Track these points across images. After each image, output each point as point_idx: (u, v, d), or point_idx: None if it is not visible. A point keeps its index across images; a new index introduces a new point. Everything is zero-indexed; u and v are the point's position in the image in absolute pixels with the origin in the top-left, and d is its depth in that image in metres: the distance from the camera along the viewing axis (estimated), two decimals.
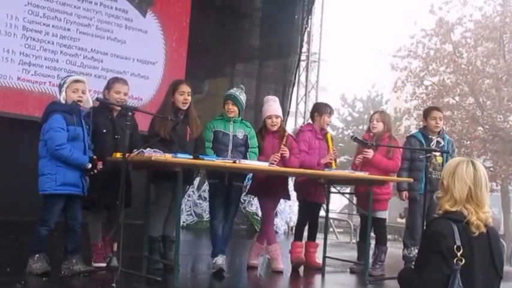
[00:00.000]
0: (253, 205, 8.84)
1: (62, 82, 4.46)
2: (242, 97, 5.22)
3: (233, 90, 5.30)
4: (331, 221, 12.06)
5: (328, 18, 13.48)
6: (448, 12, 18.92)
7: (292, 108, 10.16)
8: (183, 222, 8.13)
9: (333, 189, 5.70)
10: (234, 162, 4.52)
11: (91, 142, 4.52)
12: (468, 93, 18.94)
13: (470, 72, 18.22)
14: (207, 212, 6.53)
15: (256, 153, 5.21)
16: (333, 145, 5.85)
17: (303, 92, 10.21)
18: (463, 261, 2.44)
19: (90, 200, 4.53)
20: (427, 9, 19.44)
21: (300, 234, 5.86)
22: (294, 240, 5.83)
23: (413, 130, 15.92)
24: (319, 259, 5.71)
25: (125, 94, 4.83)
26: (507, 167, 18.07)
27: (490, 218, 2.56)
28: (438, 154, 5.68)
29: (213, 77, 9.26)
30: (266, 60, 9.80)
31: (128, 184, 4.64)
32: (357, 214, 6.63)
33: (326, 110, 5.80)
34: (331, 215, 8.81)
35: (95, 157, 4.39)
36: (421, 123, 6.67)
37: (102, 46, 7.36)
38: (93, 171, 4.37)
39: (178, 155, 4.22)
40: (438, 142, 5.81)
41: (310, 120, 6.16)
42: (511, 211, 19.90)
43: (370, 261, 5.60)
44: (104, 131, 4.71)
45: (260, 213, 6.39)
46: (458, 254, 2.44)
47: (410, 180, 5.65)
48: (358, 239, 6.45)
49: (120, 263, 4.06)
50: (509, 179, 19.06)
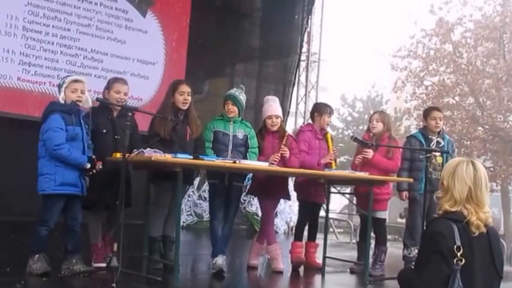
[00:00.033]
0: (253, 205, 8.84)
1: (61, 82, 4.47)
2: (242, 97, 5.22)
3: (233, 91, 5.29)
4: (331, 221, 12.06)
5: (328, 18, 13.51)
6: (448, 12, 18.95)
7: (292, 108, 10.16)
8: (183, 222, 8.13)
9: (333, 189, 5.70)
10: (234, 162, 4.52)
11: (91, 142, 4.53)
12: (468, 93, 18.93)
13: (470, 72, 18.22)
14: (207, 212, 6.53)
15: (256, 153, 5.21)
16: (333, 145, 5.85)
17: (303, 92, 10.20)
18: (463, 261, 2.44)
19: (90, 200, 4.54)
20: (427, 9, 19.48)
21: (300, 235, 5.86)
22: (294, 240, 5.83)
23: (413, 130, 15.92)
24: (319, 259, 5.71)
25: (125, 94, 4.84)
26: (507, 167, 18.07)
27: (490, 218, 2.56)
28: (438, 154, 5.69)
29: (213, 77, 9.26)
30: (266, 60, 9.79)
31: (128, 184, 4.64)
32: (357, 214, 6.63)
33: (326, 110, 5.80)
34: (331, 215, 8.80)
35: (93, 157, 4.40)
36: (421, 124, 6.67)
37: (102, 46, 7.36)
38: (92, 171, 4.37)
39: (178, 155, 4.23)
40: (438, 142, 5.81)
41: (310, 120, 6.16)
42: (511, 211, 19.90)
43: (370, 261, 5.60)
44: (104, 131, 4.71)
45: (260, 213, 6.39)
46: (458, 254, 2.44)
47: (410, 180, 5.65)
48: (358, 239, 6.44)
49: (120, 263, 4.06)
50: (509, 179, 19.06)
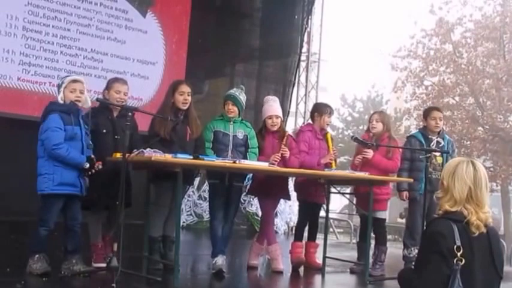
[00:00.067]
0: (253, 205, 8.84)
1: (60, 82, 4.48)
2: (242, 97, 5.22)
3: (233, 91, 5.29)
4: (331, 221, 12.05)
5: (328, 18, 13.50)
6: (448, 12, 18.94)
7: (292, 109, 10.15)
8: (183, 222, 8.13)
9: (333, 190, 5.70)
10: (234, 162, 4.52)
11: (91, 142, 4.53)
12: (468, 94, 18.93)
13: (470, 72, 18.21)
14: (207, 212, 6.53)
15: (256, 153, 5.21)
16: (333, 145, 5.85)
17: (303, 92, 10.20)
18: (463, 261, 2.44)
19: (90, 200, 4.54)
20: (427, 9, 19.46)
21: (300, 235, 5.86)
22: (294, 240, 5.83)
23: (413, 130, 15.90)
24: (319, 259, 5.71)
25: (125, 94, 4.84)
26: (507, 167, 18.07)
27: (490, 218, 2.56)
28: (438, 154, 5.69)
29: (213, 77, 9.26)
30: (266, 60, 9.79)
31: (128, 184, 4.64)
32: (357, 214, 6.63)
33: (326, 110, 5.80)
34: (331, 215, 8.79)
35: (92, 156, 4.39)
36: (421, 124, 6.67)
37: (102, 46, 7.36)
38: (91, 171, 4.36)
39: (178, 155, 4.23)
40: (438, 142, 5.81)
41: (310, 121, 6.16)
42: (511, 211, 19.90)
43: (370, 261, 5.60)
44: (104, 131, 4.72)
45: (260, 214, 6.39)
46: (458, 254, 2.44)
47: (410, 180, 5.64)
48: (358, 239, 6.44)
49: (120, 263, 4.06)
50: (509, 179, 19.05)
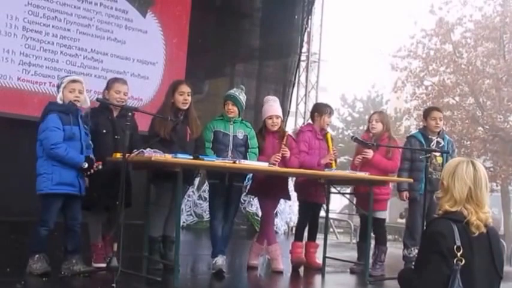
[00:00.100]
0: (253, 205, 8.84)
1: (59, 82, 4.49)
2: (242, 97, 5.22)
3: (233, 91, 5.29)
4: (331, 221, 12.05)
5: (328, 18, 13.48)
6: (448, 13, 18.94)
7: (292, 109, 10.15)
8: (183, 222, 8.13)
9: (333, 190, 5.70)
10: (234, 162, 4.52)
11: (91, 142, 4.53)
12: (468, 94, 18.93)
13: (470, 72, 18.21)
14: (207, 212, 6.53)
15: (256, 153, 5.21)
16: (333, 145, 5.84)
17: (303, 92, 10.19)
18: (463, 261, 2.44)
19: (90, 200, 4.54)
20: (427, 9, 19.46)
21: (300, 235, 5.86)
22: (294, 240, 5.83)
23: (413, 130, 15.92)
24: (319, 259, 5.71)
25: (125, 94, 4.84)
26: (507, 167, 18.07)
27: (490, 218, 2.56)
28: (438, 154, 5.69)
29: (213, 77, 9.26)
30: (266, 60, 9.79)
31: (128, 184, 4.64)
32: (357, 214, 6.63)
33: (326, 110, 5.80)
34: (331, 215, 8.79)
35: (91, 156, 4.38)
36: (421, 124, 6.67)
37: (102, 46, 7.36)
38: (90, 171, 4.36)
39: (178, 155, 4.23)
40: (438, 142, 5.81)
41: (310, 121, 6.16)
42: (511, 211, 19.90)
43: (370, 261, 5.59)
44: (104, 131, 4.72)
45: (260, 214, 6.39)
46: (458, 254, 2.44)
47: (411, 180, 5.64)
48: (358, 239, 6.44)
49: (120, 263, 4.06)
50: (509, 179, 19.05)
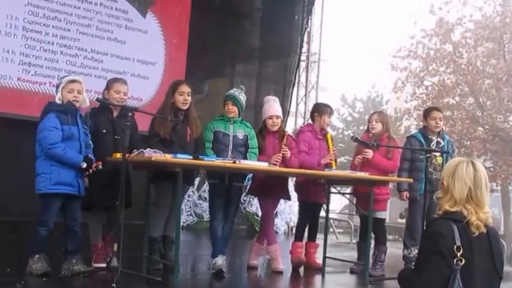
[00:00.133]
0: (253, 205, 8.84)
1: (58, 82, 4.50)
2: (242, 97, 5.22)
3: (233, 91, 5.29)
4: (331, 221, 12.06)
5: (328, 18, 13.52)
6: (448, 13, 18.95)
7: (292, 109, 10.15)
8: (183, 222, 8.13)
9: (333, 190, 5.70)
10: (234, 162, 4.52)
11: (91, 142, 4.53)
12: (468, 94, 18.94)
13: (470, 72, 18.22)
14: (207, 212, 6.53)
15: (256, 153, 5.21)
16: (333, 145, 5.84)
17: (303, 92, 10.20)
18: (463, 261, 2.44)
19: (90, 200, 4.54)
20: (427, 9, 19.47)
21: (300, 235, 5.86)
22: (294, 240, 5.83)
23: (413, 130, 15.92)
24: (319, 259, 5.71)
25: (125, 94, 4.84)
26: (507, 167, 18.07)
27: (490, 218, 2.56)
28: (438, 154, 5.68)
29: (213, 77, 9.26)
30: (266, 60, 9.79)
31: (128, 184, 4.63)
32: (357, 214, 6.63)
33: (326, 110, 5.80)
34: (331, 215, 8.79)
35: (90, 156, 4.37)
36: (421, 124, 6.67)
37: (102, 46, 7.36)
38: (88, 171, 4.35)
39: (178, 156, 4.23)
40: (438, 142, 5.81)
41: (310, 121, 6.16)
42: (511, 211, 19.90)
43: (370, 261, 5.59)
44: (104, 131, 4.71)
45: (260, 214, 6.39)
46: (458, 254, 2.44)
47: (410, 180, 5.64)
48: (358, 239, 6.44)
49: (120, 263, 4.06)
50: (509, 179, 19.06)
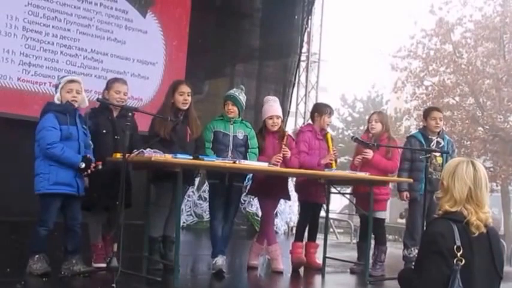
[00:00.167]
0: (254, 205, 8.84)
1: (57, 83, 4.49)
2: (242, 97, 5.22)
3: (233, 91, 5.29)
4: (332, 221, 12.05)
5: (328, 18, 13.53)
6: (448, 13, 18.95)
7: (292, 109, 10.15)
8: (183, 222, 8.12)
9: (333, 190, 5.70)
10: (234, 162, 4.52)
11: (91, 142, 4.52)
12: (468, 94, 18.94)
13: (471, 72, 18.22)
14: (207, 212, 6.53)
15: (256, 153, 5.21)
16: (333, 145, 5.84)
17: (303, 92, 10.19)
18: (463, 261, 2.44)
19: (90, 200, 4.54)
20: (427, 10, 19.47)
21: (300, 235, 5.86)
22: (294, 240, 5.83)
23: (413, 130, 15.91)
24: (319, 259, 5.71)
25: (125, 94, 4.84)
26: (507, 167, 18.07)
27: (490, 218, 2.56)
28: (438, 154, 5.68)
29: (213, 77, 9.26)
30: (266, 60, 9.79)
31: (128, 184, 4.63)
32: (357, 214, 6.63)
33: (326, 110, 5.80)
34: (331, 216, 8.79)
35: (89, 156, 4.36)
36: (421, 124, 6.67)
37: (102, 46, 7.36)
38: (87, 171, 4.34)
39: (178, 156, 4.23)
40: (438, 142, 5.81)
41: (310, 121, 6.16)
42: (511, 211, 19.89)
43: (370, 261, 5.59)
44: (104, 131, 4.71)
45: (260, 214, 6.39)
46: (458, 254, 2.44)
47: (410, 180, 5.64)
48: (358, 239, 6.44)
49: (120, 263, 4.06)
50: (509, 179, 19.05)
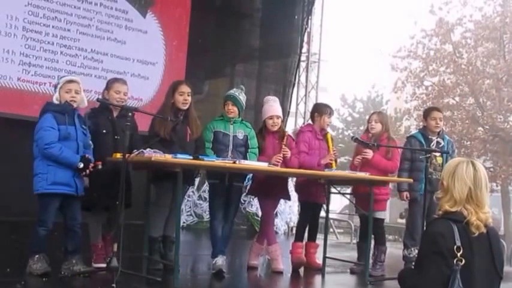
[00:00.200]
0: (254, 205, 8.83)
1: (56, 83, 4.50)
2: (242, 97, 5.22)
3: (233, 91, 5.30)
4: (332, 221, 12.05)
5: (328, 19, 13.54)
6: (448, 13, 18.96)
7: (292, 109, 10.15)
8: (183, 222, 8.12)
9: (333, 190, 5.70)
10: (234, 162, 4.52)
11: (91, 142, 4.52)
12: (468, 94, 18.94)
13: (471, 72, 18.22)
14: (207, 212, 6.53)
15: (256, 153, 5.21)
16: (333, 145, 5.84)
17: (303, 92, 10.19)
18: (463, 261, 2.44)
19: (90, 200, 4.54)
20: (427, 10, 19.47)
21: (300, 235, 5.85)
22: (294, 240, 5.83)
23: (413, 130, 15.91)
24: (319, 259, 5.71)
25: (125, 94, 4.84)
26: (507, 168, 18.07)
27: (490, 218, 2.56)
28: (438, 154, 5.68)
29: (213, 77, 9.26)
30: (266, 60, 9.79)
31: (128, 184, 4.63)
32: (357, 214, 6.63)
33: (326, 110, 5.80)
34: (331, 216, 8.80)
35: (87, 156, 4.36)
36: (421, 124, 6.67)
37: (102, 47, 7.36)
38: (86, 171, 4.34)
39: (178, 156, 4.23)
40: (438, 142, 5.81)
41: (310, 121, 6.16)
42: (511, 211, 19.90)
43: (370, 261, 5.59)
44: (104, 131, 4.71)
45: (260, 214, 6.39)
46: (458, 254, 2.44)
47: (410, 180, 5.64)
48: (358, 240, 6.44)
49: (120, 264, 4.06)
50: (509, 179, 19.05)
